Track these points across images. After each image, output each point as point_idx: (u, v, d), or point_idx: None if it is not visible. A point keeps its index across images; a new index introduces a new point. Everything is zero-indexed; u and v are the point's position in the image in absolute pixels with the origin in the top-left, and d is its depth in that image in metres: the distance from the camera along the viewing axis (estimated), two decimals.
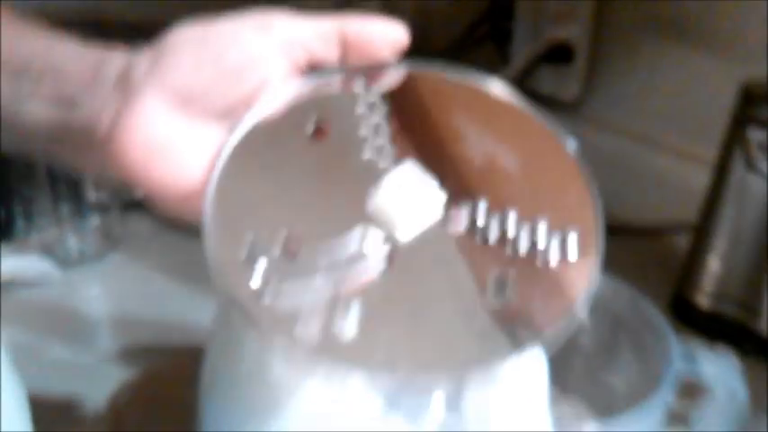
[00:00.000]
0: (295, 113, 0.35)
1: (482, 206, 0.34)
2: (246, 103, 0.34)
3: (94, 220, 0.80)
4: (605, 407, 0.49)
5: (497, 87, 0.37)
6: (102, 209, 0.80)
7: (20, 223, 0.78)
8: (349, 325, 0.30)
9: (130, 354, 0.66)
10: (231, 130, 0.34)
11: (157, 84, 0.33)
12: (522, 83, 0.85)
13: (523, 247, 0.33)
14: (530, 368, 0.38)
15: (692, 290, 0.66)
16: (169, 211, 0.34)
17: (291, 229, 0.32)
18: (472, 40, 0.90)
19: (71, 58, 0.35)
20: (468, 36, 0.90)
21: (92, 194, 0.80)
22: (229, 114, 0.34)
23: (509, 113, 0.37)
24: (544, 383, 0.40)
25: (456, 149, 0.36)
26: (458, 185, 0.34)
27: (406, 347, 0.31)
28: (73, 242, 0.79)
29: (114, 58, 0.35)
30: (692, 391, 0.46)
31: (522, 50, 0.86)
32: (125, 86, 0.33)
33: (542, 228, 0.33)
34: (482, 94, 0.37)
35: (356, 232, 0.33)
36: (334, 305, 0.31)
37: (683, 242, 0.72)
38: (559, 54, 0.85)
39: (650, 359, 0.46)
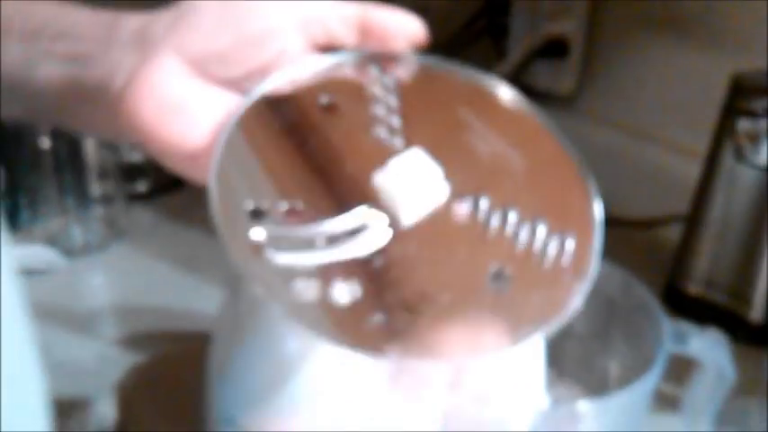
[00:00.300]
0: (309, 88, 0.36)
1: (484, 201, 0.34)
2: (261, 73, 0.35)
3: (98, 211, 0.81)
4: (600, 389, 0.51)
5: (507, 92, 0.38)
6: (106, 200, 0.82)
7: (25, 213, 0.79)
8: (342, 296, 0.31)
9: (135, 340, 0.67)
10: (245, 95, 0.35)
11: (176, 45, 0.34)
12: (519, 77, 0.86)
13: (522, 245, 0.33)
14: (528, 351, 0.39)
15: (684, 278, 0.68)
16: (174, 170, 0.35)
17: (294, 197, 0.33)
18: (469, 34, 0.91)
19: (85, 19, 0.36)
20: (465, 31, 0.91)
21: (96, 186, 0.81)
22: (243, 82, 0.35)
23: (518, 117, 0.38)
24: (542, 366, 0.41)
25: (464, 145, 0.36)
26: (463, 179, 0.35)
27: (401, 329, 0.31)
28: (77, 232, 0.80)
29: (130, 18, 0.35)
30: (682, 369, 0.48)
31: (519, 45, 0.88)
32: (142, 45, 0.34)
33: (541, 230, 0.34)
34: (493, 95, 0.38)
35: (358, 209, 0.33)
36: (330, 275, 0.31)
37: (676, 233, 0.73)
38: (555, 49, 0.86)
39: (642, 340, 0.47)
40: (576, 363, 0.53)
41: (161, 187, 0.90)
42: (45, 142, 0.77)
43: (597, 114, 0.88)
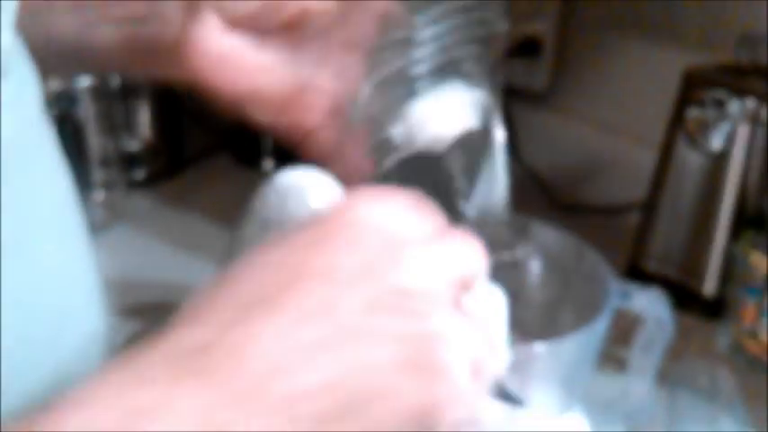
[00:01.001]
0: None
1: None
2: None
3: (100, 196, 0.86)
4: None
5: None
6: (107, 186, 0.87)
7: None
8: None
9: (136, 311, 0.72)
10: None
11: (214, 8, 0.40)
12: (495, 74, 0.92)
13: None
14: (490, 303, 0.44)
15: (642, 256, 0.74)
16: (228, 110, 0.41)
17: None
18: None
19: None
20: None
21: (98, 173, 0.86)
22: (272, 35, 0.41)
23: None
24: (504, 324, 0.45)
25: None
26: None
27: None
28: None
29: None
30: (626, 324, 0.53)
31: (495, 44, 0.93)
32: (190, 6, 0.40)
33: None
34: None
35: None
36: None
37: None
38: (529, 48, 0.92)
39: (594, 302, 0.53)
40: (536, 327, 0.58)
41: (158, 175, 0.96)
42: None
43: (569, 109, 0.93)
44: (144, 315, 0.71)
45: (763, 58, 0.72)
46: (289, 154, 1.05)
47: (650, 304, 0.51)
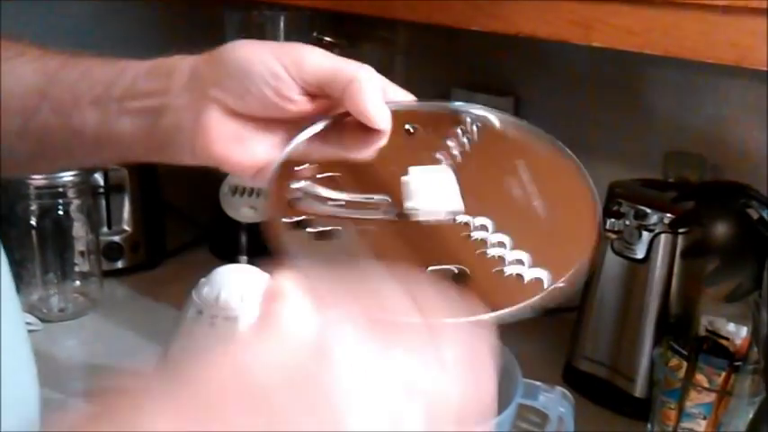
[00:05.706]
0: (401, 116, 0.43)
1: (484, 220, 0.39)
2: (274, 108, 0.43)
3: (77, 284, 0.92)
4: None
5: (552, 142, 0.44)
6: (85, 275, 0.92)
7: None
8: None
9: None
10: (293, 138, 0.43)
11: (218, 101, 0.43)
12: None
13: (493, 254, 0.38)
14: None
15: (576, 357, 0.78)
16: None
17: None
18: None
19: (144, 73, 0.45)
20: None
21: (77, 261, 0.91)
22: (268, 123, 0.43)
23: (560, 168, 0.42)
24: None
25: (503, 185, 0.41)
26: (483, 205, 0.40)
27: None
28: (55, 301, 0.90)
29: (179, 70, 0.44)
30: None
31: None
32: (197, 97, 0.43)
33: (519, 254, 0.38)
34: (540, 148, 0.43)
35: (382, 195, 0.41)
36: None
37: None
38: None
39: (503, 393, 0.56)
40: None
41: (138, 266, 1.01)
42: (34, 221, 0.88)
43: None
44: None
45: (690, 174, 0.78)
46: (262, 249, 1.10)
47: (553, 403, 0.55)
